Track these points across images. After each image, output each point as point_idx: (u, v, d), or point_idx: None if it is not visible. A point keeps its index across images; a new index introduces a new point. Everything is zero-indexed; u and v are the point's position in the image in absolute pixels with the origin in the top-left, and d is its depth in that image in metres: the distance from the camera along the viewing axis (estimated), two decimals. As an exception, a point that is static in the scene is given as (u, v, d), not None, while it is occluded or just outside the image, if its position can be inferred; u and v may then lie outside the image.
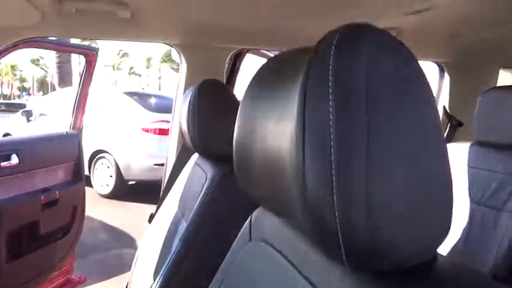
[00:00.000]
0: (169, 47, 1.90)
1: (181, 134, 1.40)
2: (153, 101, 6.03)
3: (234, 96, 1.24)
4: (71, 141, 2.47)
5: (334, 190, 0.34)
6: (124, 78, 32.32)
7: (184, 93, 1.64)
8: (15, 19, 1.45)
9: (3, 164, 2.03)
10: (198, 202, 1.06)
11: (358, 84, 0.35)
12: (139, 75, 32.30)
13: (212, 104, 1.17)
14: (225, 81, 1.89)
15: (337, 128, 0.34)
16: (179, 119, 1.35)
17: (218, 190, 1.06)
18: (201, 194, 1.07)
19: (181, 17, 1.51)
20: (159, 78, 27.03)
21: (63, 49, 2.78)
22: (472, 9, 1.27)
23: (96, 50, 2.55)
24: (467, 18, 1.40)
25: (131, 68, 30.92)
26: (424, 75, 0.39)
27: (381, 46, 0.37)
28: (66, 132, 2.50)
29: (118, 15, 1.40)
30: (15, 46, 1.72)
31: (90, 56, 2.50)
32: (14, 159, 2.08)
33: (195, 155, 1.37)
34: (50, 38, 2.19)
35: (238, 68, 1.97)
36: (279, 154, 0.44)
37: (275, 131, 0.45)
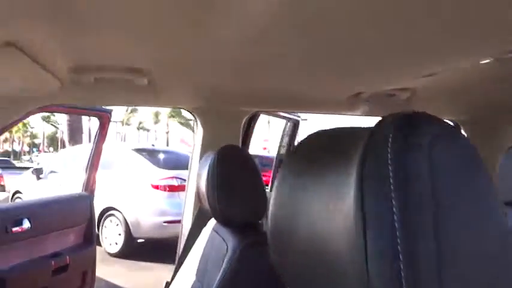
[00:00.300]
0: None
1: (198, 197, 1.38)
2: (162, 157, 6.06)
3: (254, 162, 1.23)
4: (82, 203, 2.45)
5: None
6: (133, 133, 32.82)
7: (201, 157, 1.63)
8: (35, 88, 1.48)
9: (15, 229, 2.00)
10: (219, 276, 1.02)
11: (421, 180, 0.33)
12: (148, 130, 32.84)
13: (232, 170, 1.15)
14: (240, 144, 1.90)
15: (403, 229, 0.32)
16: (197, 182, 1.34)
17: (240, 263, 1.02)
18: (222, 267, 1.02)
19: (197, 83, 1.54)
20: (167, 133, 27.47)
21: (78, 112, 2.83)
22: (485, 70, 1.28)
23: (109, 111, 2.60)
24: (480, 78, 1.41)
25: (140, 123, 31.53)
26: (480, 158, 0.37)
27: (440, 136, 0.35)
28: (78, 194, 2.49)
29: (135, 83, 1.42)
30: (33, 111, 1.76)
31: (104, 118, 2.55)
32: (26, 224, 2.05)
33: (213, 220, 1.34)
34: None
35: (253, 130, 1.98)
36: (330, 242, 0.41)
37: (326, 214, 0.43)
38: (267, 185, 3.68)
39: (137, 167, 5.65)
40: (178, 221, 4.73)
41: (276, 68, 1.32)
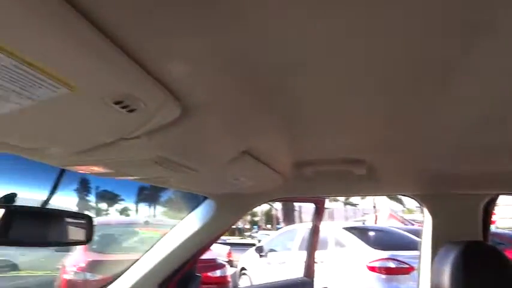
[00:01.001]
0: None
1: None
2: (375, 236, 5.82)
3: (507, 260, 1.01)
4: (304, 290, 2.47)
5: None
6: (340, 209, 33.08)
7: (433, 248, 1.46)
8: (263, 185, 1.62)
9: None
10: None
11: None
12: (355, 205, 32.59)
13: (483, 272, 0.97)
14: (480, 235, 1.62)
15: None
16: (432, 279, 1.18)
17: None
18: None
19: (422, 168, 1.42)
20: (374, 207, 26.54)
21: (295, 200, 2.99)
22: None
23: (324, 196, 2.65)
24: None
25: (346, 199, 31.68)
26: None
27: None
28: (301, 280, 2.53)
29: (353, 173, 1.41)
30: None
31: (320, 203, 2.60)
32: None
33: None
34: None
35: (491, 216, 1.67)
36: None
37: None
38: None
39: (349, 246, 5.55)
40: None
41: None
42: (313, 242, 2.62)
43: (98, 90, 0.57)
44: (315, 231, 2.64)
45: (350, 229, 6.00)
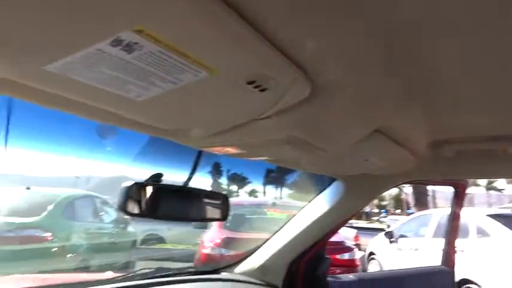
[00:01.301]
0: None
1: None
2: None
3: None
4: (444, 279, 2.29)
5: None
6: (481, 194, 29.84)
7: None
8: (394, 167, 1.52)
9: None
10: None
11: None
12: (500, 191, 28.99)
13: None
14: None
15: None
16: None
17: None
18: None
19: None
20: (525, 192, 23.10)
21: (431, 183, 2.78)
22: None
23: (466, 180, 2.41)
24: None
25: (489, 183, 28.35)
26: None
27: None
28: (439, 268, 2.36)
29: (507, 152, 1.24)
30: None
31: (460, 187, 2.37)
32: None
33: None
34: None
35: None
36: None
37: None
38: None
39: (496, 235, 4.99)
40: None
41: None
42: (453, 229, 2.41)
43: (233, 71, 0.59)
44: (454, 218, 2.42)
45: (496, 216, 5.38)
